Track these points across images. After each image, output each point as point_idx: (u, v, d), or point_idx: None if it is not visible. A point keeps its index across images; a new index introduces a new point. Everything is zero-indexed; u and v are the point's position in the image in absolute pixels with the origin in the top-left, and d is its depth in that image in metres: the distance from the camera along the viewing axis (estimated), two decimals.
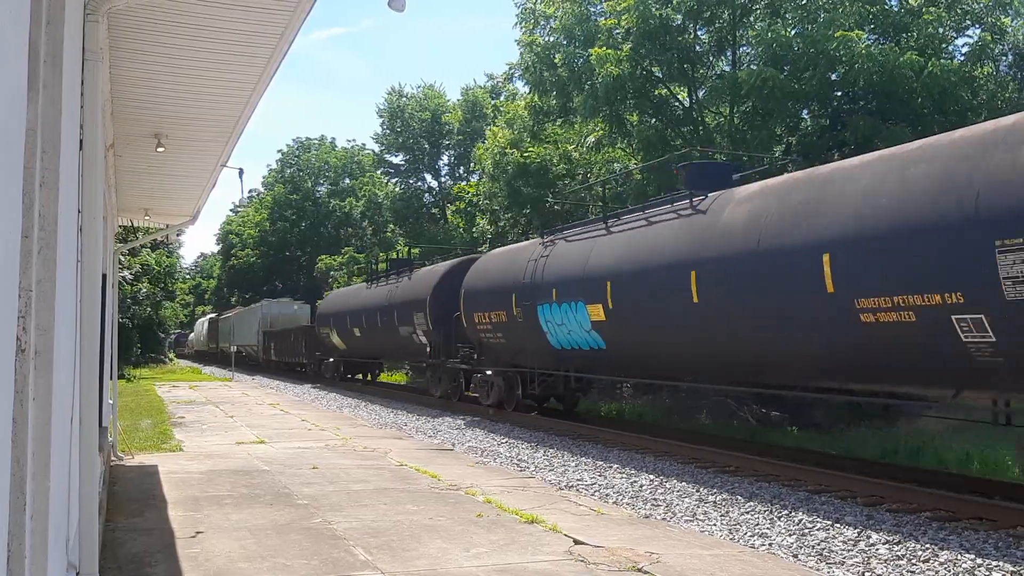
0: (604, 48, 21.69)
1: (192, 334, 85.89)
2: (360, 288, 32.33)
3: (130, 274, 39.13)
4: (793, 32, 20.12)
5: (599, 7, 24.16)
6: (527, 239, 25.67)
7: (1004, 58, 20.93)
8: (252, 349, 51.38)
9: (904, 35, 19.96)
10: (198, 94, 7.75)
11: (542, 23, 25.77)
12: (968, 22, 20.71)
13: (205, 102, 7.97)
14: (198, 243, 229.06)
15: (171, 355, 71.94)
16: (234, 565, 6.86)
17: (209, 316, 74.77)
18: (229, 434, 16.43)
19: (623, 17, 21.68)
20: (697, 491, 10.75)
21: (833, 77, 20.12)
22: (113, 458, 12.46)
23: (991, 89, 20.13)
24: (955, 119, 19.80)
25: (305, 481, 10.92)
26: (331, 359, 35.33)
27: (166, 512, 8.94)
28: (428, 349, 23.24)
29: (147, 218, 14.74)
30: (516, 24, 26.44)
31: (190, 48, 6.61)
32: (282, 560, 7.00)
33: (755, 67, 20.17)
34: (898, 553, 7.71)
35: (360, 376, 35.46)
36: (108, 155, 9.05)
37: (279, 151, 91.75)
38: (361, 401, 26.60)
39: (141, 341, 47.47)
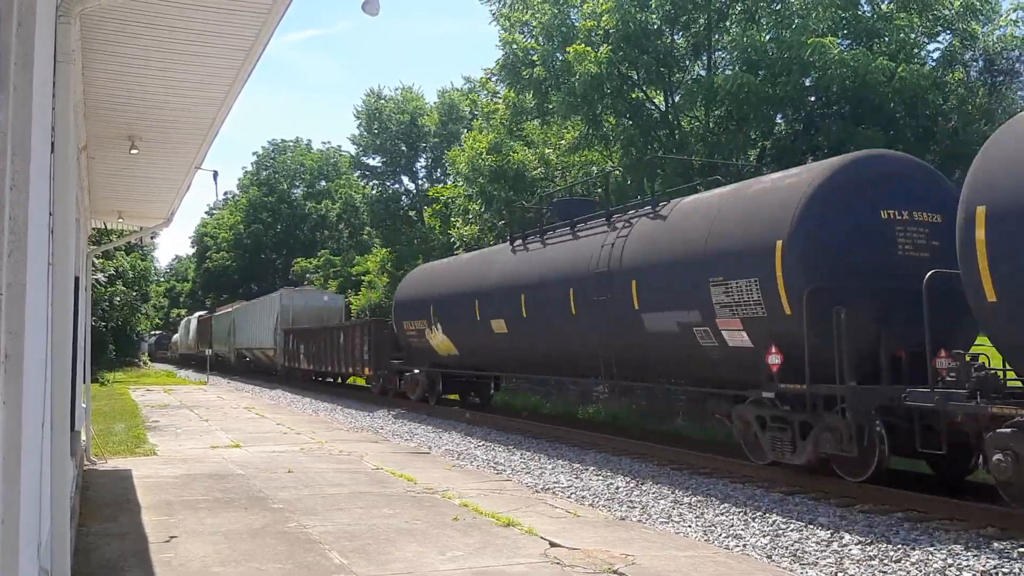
0: (583, 45, 21.71)
1: (176, 335, 77.87)
2: (494, 253, 19.50)
3: (104, 277, 38.76)
4: (768, 37, 20.28)
5: (577, 11, 24.23)
6: (501, 243, 25.65)
7: (974, 63, 21.23)
8: (266, 354, 40.01)
9: (876, 40, 20.17)
10: (172, 96, 7.70)
11: (519, 27, 25.81)
12: (939, 28, 20.98)
13: (179, 104, 7.92)
14: (173, 246, 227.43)
15: (145, 358, 70.02)
16: (208, 570, 6.82)
17: (198, 314, 65.58)
18: (204, 438, 16.32)
19: (603, 18, 21.75)
20: (672, 493, 10.81)
21: (807, 82, 20.30)
22: (86, 462, 12.35)
23: (961, 94, 20.39)
24: (926, 123, 20.10)
25: (280, 485, 10.87)
26: (417, 371, 23.09)
27: (140, 517, 8.87)
28: (777, 361, 10.62)
29: (121, 220, 14.61)
30: (492, 22, 26.46)
31: (164, 50, 6.57)
32: (256, 564, 6.97)
33: (731, 72, 20.32)
34: (870, 553, 7.79)
35: (461, 397, 23.21)
36: (81, 157, 8.97)
37: (254, 153, 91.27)
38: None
39: (115, 344, 46.95)
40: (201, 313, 64.11)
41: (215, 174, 11.87)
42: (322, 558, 7.18)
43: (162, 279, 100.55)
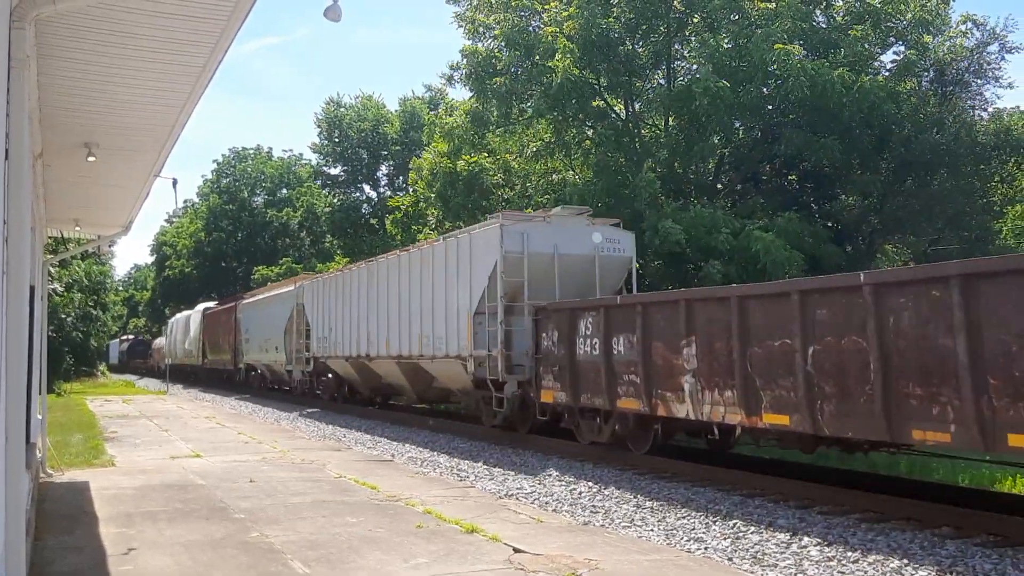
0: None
1: (163, 340, 56.72)
2: None
3: (60, 286, 38.11)
4: (728, 45, 20.55)
5: (537, 22, 24.28)
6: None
7: (926, 74, 21.70)
8: (442, 373, 18.37)
9: (832, 51, 20.53)
10: (130, 103, 7.62)
11: (481, 31, 25.79)
12: (892, 39, 21.41)
13: (137, 111, 7.84)
14: (131, 254, 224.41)
15: (103, 368, 67.77)
16: None
17: (203, 306, 45.09)
18: (163, 448, 16.11)
19: (566, 24, 21.84)
20: (635, 497, 10.87)
21: (765, 91, 20.60)
22: (42, 475, 12.14)
23: (914, 103, 20.81)
24: (879, 132, 20.50)
25: (242, 495, 10.76)
26: None
27: (97, 529, 8.74)
28: None
29: (78, 228, 14.41)
30: (452, 22, 26.32)
31: (121, 56, 6.51)
32: (218, 575, 6.91)
33: (700, 76, 20.54)
34: (829, 555, 7.90)
35: None
36: (36, 164, 8.85)
37: (215, 161, 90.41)
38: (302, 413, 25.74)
39: (72, 354, 46.08)
40: (208, 305, 44.34)
41: (174, 182, 11.79)
42: (284, 568, 7.13)
43: (120, 288, 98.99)
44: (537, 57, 22.56)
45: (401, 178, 49.19)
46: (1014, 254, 12.34)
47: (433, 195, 29.25)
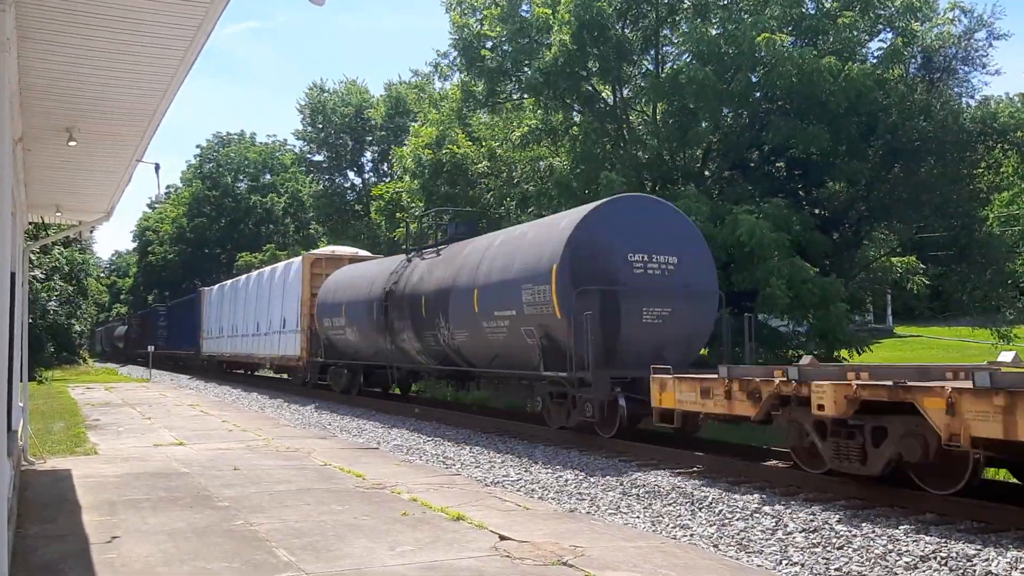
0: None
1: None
2: None
3: (41, 273, 37.77)
4: (715, 32, 20.49)
5: (528, 4, 24.12)
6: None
7: (913, 61, 21.69)
8: None
9: (821, 37, 20.50)
10: (112, 87, 7.52)
11: (469, 12, 25.60)
12: (881, 26, 21.39)
13: (120, 95, 7.74)
14: (113, 240, 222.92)
15: (84, 354, 66.74)
16: (152, 570, 6.70)
17: None
18: (147, 436, 16.02)
19: (559, 7, 21.72)
20: (621, 484, 10.90)
21: (753, 78, 20.55)
22: (24, 463, 12.05)
23: (901, 91, 20.83)
24: (867, 119, 20.49)
25: (226, 483, 10.72)
26: None
27: (80, 517, 8.68)
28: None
29: (59, 214, 14.25)
30: (442, 5, 26.15)
31: (104, 39, 6.41)
32: (202, 563, 6.87)
33: (688, 63, 20.47)
34: (814, 541, 7.94)
35: None
36: (16, 149, 8.73)
37: (198, 146, 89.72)
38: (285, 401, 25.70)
39: (54, 341, 45.73)
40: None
41: (157, 167, 11.62)
42: (269, 556, 7.10)
43: (103, 275, 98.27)
44: (532, 35, 22.45)
45: (386, 164, 48.98)
46: None
47: (416, 186, 29.07)
